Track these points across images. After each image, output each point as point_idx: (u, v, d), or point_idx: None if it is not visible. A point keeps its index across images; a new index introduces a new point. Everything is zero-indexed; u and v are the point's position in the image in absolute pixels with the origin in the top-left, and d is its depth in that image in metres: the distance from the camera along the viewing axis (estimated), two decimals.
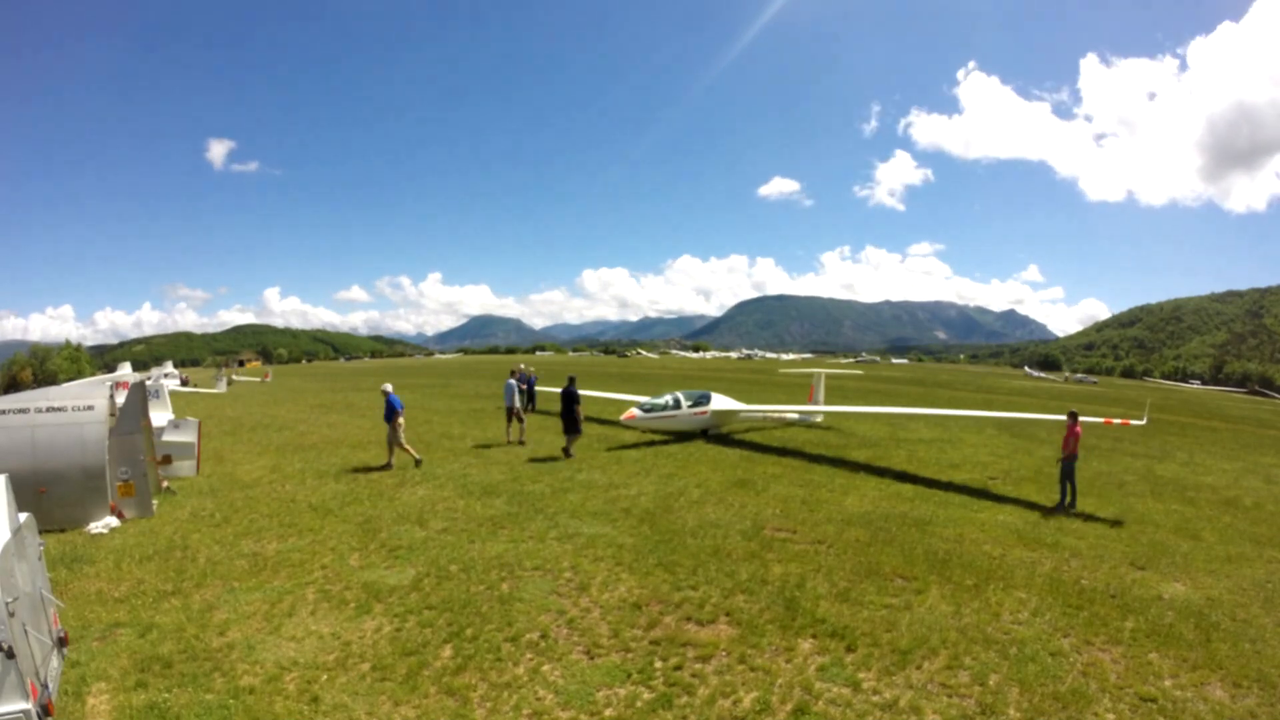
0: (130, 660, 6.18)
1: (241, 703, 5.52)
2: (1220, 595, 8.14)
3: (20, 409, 10.47)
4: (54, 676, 5.42)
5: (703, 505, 11.84)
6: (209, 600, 7.59)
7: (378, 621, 7.06)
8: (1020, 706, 5.56)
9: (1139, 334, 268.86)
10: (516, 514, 11.17)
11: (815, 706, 5.53)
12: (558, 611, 7.32)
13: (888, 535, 10.14)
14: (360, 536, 9.92)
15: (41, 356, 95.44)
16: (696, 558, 8.98)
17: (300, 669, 6.07)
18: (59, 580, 7.92)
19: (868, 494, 12.92)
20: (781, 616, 7.17)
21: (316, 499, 12.20)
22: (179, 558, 9.01)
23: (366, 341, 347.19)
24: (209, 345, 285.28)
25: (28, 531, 5.76)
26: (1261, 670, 6.26)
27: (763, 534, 10.12)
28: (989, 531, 10.54)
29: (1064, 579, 8.47)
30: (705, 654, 6.37)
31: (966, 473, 15.40)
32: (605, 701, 5.61)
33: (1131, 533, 10.76)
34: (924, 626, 6.95)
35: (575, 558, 8.99)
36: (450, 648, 6.50)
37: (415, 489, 13.02)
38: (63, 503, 10.26)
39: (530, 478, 13.95)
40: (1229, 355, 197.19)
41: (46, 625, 5.60)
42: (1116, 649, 6.63)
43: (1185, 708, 5.61)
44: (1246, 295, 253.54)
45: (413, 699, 5.62)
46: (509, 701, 5.60)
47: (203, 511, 11.34)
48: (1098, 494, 13.53)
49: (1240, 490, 14.65)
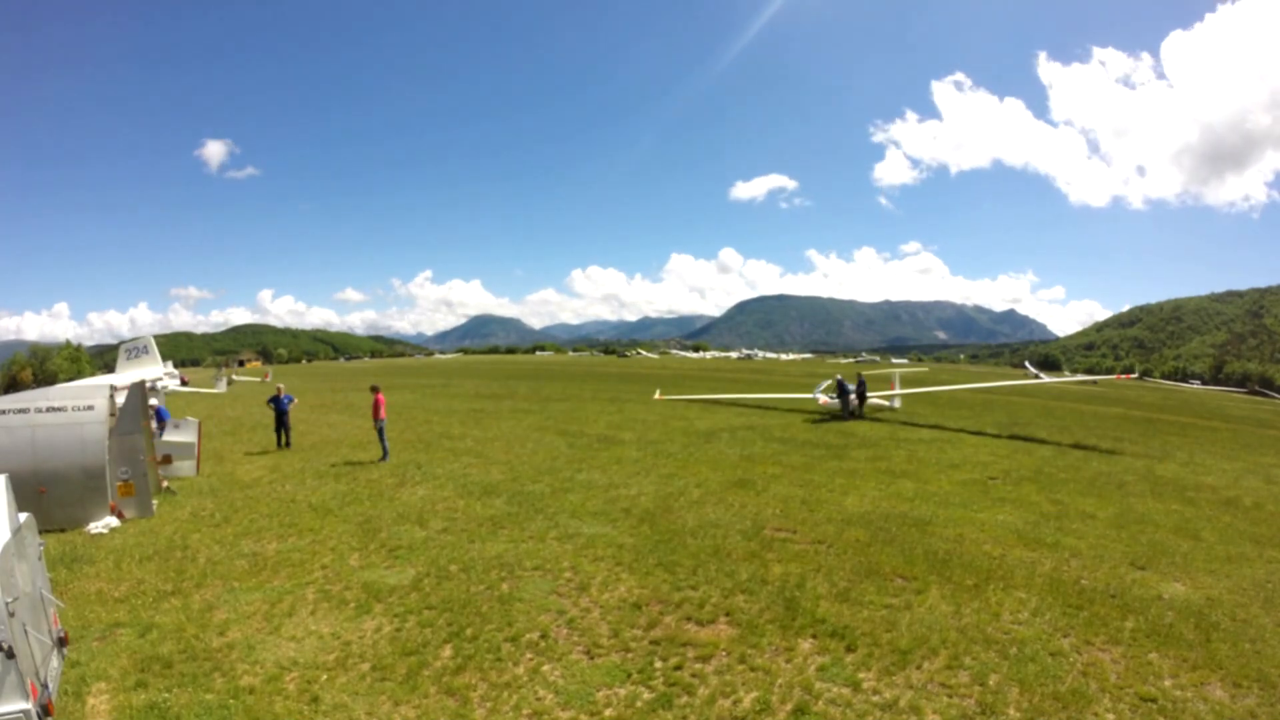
0: (130, 660, 6.19)
1: (241, 703, 5.52)
2: (1220, 595, 8.13)
3: (20, 409, 10.48)
4: (54, 676, 5.42)
5: (703, 505, 11.84)
6: (209, 600, 7.60)
7: (378, 621, 7.06)
8: (1020, 706, 5.56)
9: (1139, 334, 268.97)
10: (516, 514, 11.17)
11: (815, 706, 5.53)
12: (558, 611, 7.32)
13: (888, 535, 10.14)
14: (360, 536, 9.92)
15: (41, 356, 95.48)
16: (696, 558, 8.99)
17: (300, 669, 6.07)
18: (59, 580, 7.92)
19: (868, 494, 12.92)
20: (781, 616, 7.17)
21: (316, 499, 12.20)
22: (179, 558, 9.02)
23: (366, 341, 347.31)
24: (209, 345, 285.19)
25: (28, 531, 5.76)
26: (1261, 670, 6.25)
27: (763, 534, 10.12)
28: (989, 531, 10.53)
29: (1064, 579, 8.46)
30: (705, 654, 6.37)
31: (966, 472, 15.39)
32: (605, 701, 5.61)
33: (1131, 533, 10.75)
34: (924, 626, 6.94)
35: (575, 558, 9.00)
36: (450, 648, 6.50)
37: (415, 489, 13.02)
38: (63, 503, 10.26)
39: (530, 478, 13.95)
40: (1229, 355, 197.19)
41: (46, 625, 5.60)
42: (1116, 649, 6.63)
43: (1185, 708, 5.61)
44: (1246, 295, 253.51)
45: (413, 699, 5.62)
46: (509, 701, 5.60)
47: (203, 511, 11.35)
48: (1098, 494, 13.53)
49: (1240, 490, 14.64)
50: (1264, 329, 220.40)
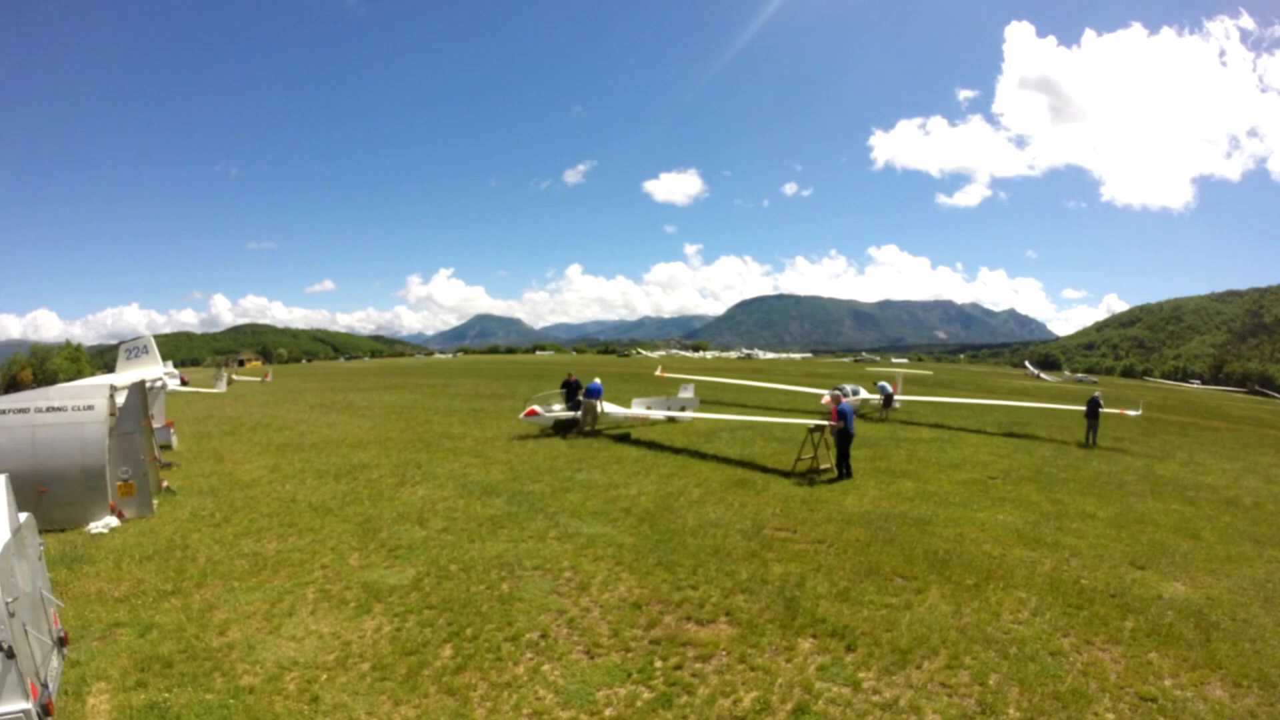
0: (130, 660, 6.18)
1: (241, 702, 5.52)
2: (1220, 595, 8.14)
3: (20, 409, 10.48)
4: (54, 676, 5.42)
5: (703, 505, 11.84)
6: (209, 600, 7.59)
7: (378, 621, 7.06)
8: (1020, 706, 5.56)
9: (1139, 334, 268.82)
10: (516, 514, 11.17)
11: (815, 706, 5.53)
12: (558, 611, 7.32)
13: (888, 535, 10.14)
14: (360, 536, 9.92)
15: (41, 356, 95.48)
16: (696, 557, 8.98)
17: (300, 669, 6.07)
18: (59, 580, 7.92)
19: (868, 493, 12.92)
20: (781, 616, 7.17)
21: (316, 499, 12.20)
22: (179, 558, 9.01)
23: (366, 341, 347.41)
24: (209, 345, 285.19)
25: (28, 531, 5.76)
26: (1261, 670, 6.26)
27: (763, 534, 10.12)
28: (989, 531, 10.54)
29: (1064, 579, 8.47)
30: (705, 653, 6.37)
31: (966, 472, 15.39)
32: (605, 701, 5.62)
33: (1131, 532, 10.76)
34: (924, 626, 6.95)
35: (575, 557, 9.00)
36: (450, 647, 6.50)
37: (415, 489, 13.02)
38: (63, 503, 10.26)
39: (530, 477, 13.95)
40: (1229, 355, 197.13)
41: (46, 625, 5.60)
42: (1116, 649, 6.63)
43: (1185, 707, 5.61)
44: (1246, 295, 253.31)
45: (413, 699, 5.62)
46: (509, 701, 5.60)
47: (203, 511, 11.34)
48: (1098, 494, 13.53)
49: (1240, 490, 14.65)
50: (1264, 329, 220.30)
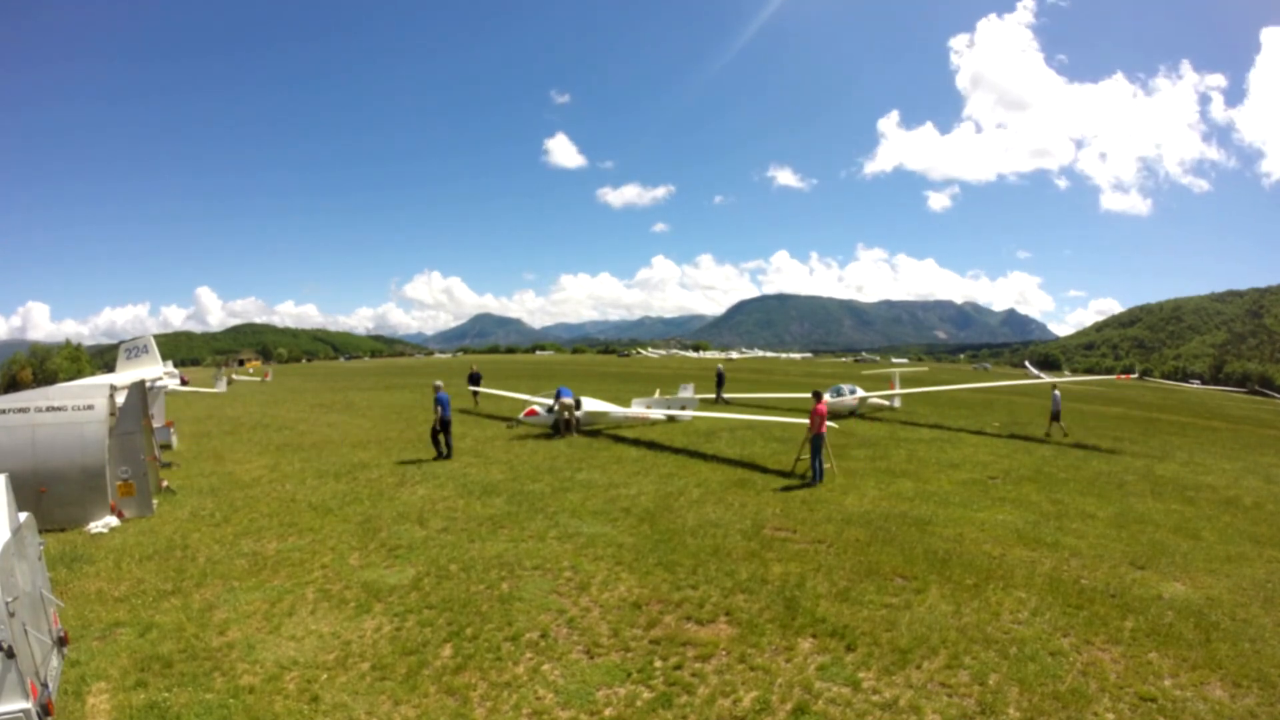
0: (130, 660, 6.19)
1: (241, 702, 5.52)
2: (1220, 595, 8.13)
3: (20, 408, 10.48)
4: (54, 676, 5.42)
5: (703, 505, 11.84)
6: (209, 600, 7.60)
7: (378, 621, 7.06)
8: (1020, 706, 5.56)
9: (1139, 334, 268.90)
10: (516, 513, 11.17)
11: (815, 706, 5.53)
12: (558, 611, 7.32)
13: (888, 535, 10.14)
14: (360, 536, 9.92)
15: (41, 356, 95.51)
16: (696, 557, 8.99)
17: (300, 668, 6.08)
18: (59, 580, 7.92)
19: (867, 493, 12.92)
20: (781, 616, 7.17)
21: (316, 499, 12.20)
22: (179, 557, 9.02)
23: (366, 341, 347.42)
24: (209, 345, 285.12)
25: (28, 531, 5.76)
26: (1261, 670, 6.25)
27: (763, 533, 10.12)
28: (989, 531, 10.53)
29: (1064, 579, 8.46)
30: (705, 653, 6.37)
31: (966, 472, 15.39)
32: (605, 701, 5.62)
33: (1131, 532, 10.75)
34: (924, 626, 6.94)
35: (575, 557, 9.00)
36: (450, 647, 6.50)
37: (415, 488, 13.03)
38: (63, 502, 10.26)
39: (530, 477, 13.95)
40: (1229, 355, 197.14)
41: (46, 625, 5.60)
42: (1116, 649, 6.63)
43: (1185, 707, 5.61)
44: (1246, 295, 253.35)
45: (413, 698, 5.63)
46: (509, 701, 5.60)
47: (203, 511, 11.35)
48: (1098, 494, 13.53)
49: (1240, 490, 14.64)
50: (1264, 329, 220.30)
